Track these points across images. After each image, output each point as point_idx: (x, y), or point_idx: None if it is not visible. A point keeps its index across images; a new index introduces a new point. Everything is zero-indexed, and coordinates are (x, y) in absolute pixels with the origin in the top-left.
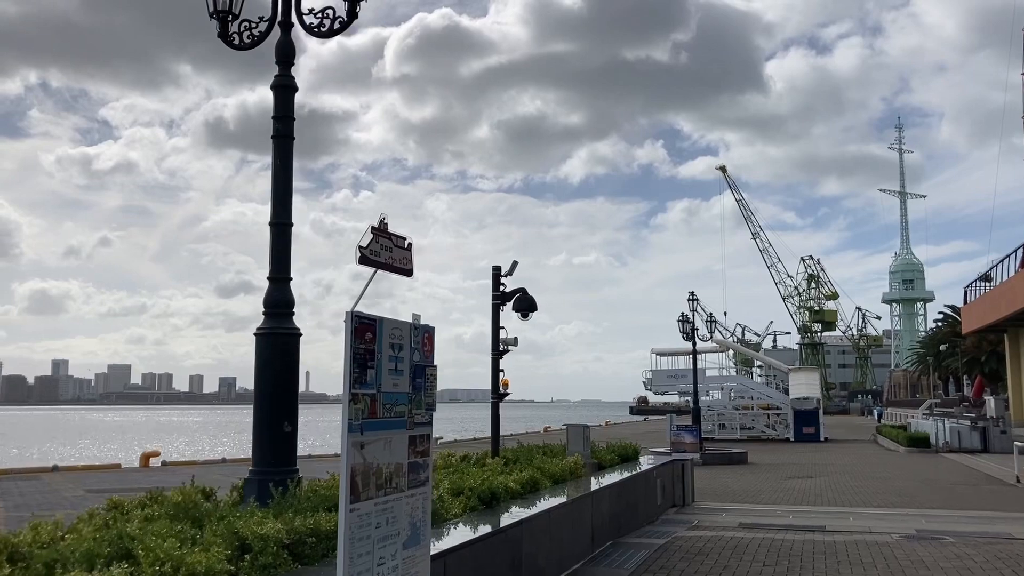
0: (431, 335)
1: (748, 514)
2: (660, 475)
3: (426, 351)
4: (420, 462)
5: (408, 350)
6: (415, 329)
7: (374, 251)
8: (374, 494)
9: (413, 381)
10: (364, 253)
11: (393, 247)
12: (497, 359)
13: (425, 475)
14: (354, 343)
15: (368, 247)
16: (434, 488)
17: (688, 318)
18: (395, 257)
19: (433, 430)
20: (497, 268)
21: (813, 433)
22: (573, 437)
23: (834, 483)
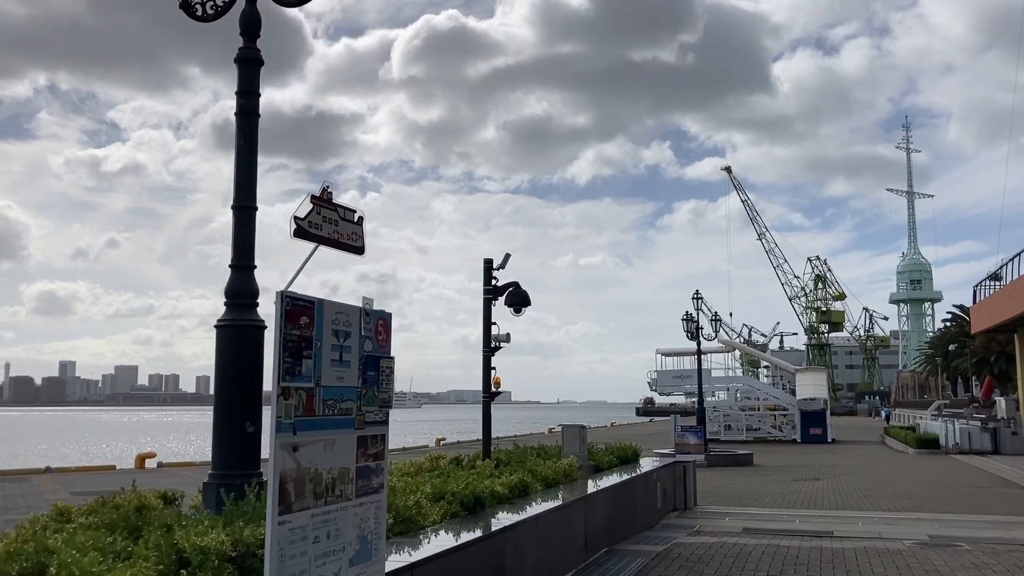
0: (387, 322)
1: (752, 518)
2: (660, 478)
3: (380, 340)
4: (372, 466)
5: (357, 338)
6: (366, 315)
7: (314, 223)
8: (311, 504)
9: (364, 374)
10: (301, 225)
11: (340, 220)
12: (488, 356)
13: (379, 481)
14: (285, 328)
15: (306, 219)
16: (411, 494)
17: (693, 317)
18: (342, 232)
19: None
20: (488, 261)
21: (820, 434)
22: (569, 438)
23: (842, 486)
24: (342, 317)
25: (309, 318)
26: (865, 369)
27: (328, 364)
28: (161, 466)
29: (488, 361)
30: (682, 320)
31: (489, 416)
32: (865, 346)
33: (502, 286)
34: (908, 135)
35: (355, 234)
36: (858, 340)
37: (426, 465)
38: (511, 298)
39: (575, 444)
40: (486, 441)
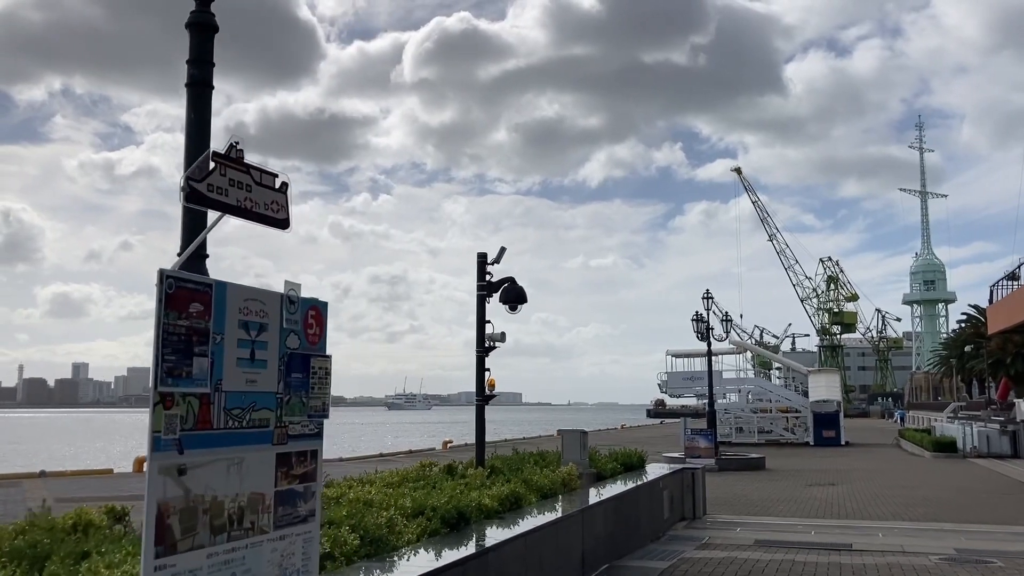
0: (320, 313)
1: (765, 529)
2: (667, 485)
3: (311, 335)
4: (298, 490)
5: (277, 332)
6: (291, 304)
7: (217, 187)
8: (207, 541)
9: (287, 376)
10: (196, 188)
11: (254, 185)
12: (482, 357)
13: (309, 508)
14: (167, 317)
15: (205, 180)
16: (385, 510)
17: (703, 317)
18: (256, 200)
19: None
20: (483, 255)
21: (834, 437)
22: (568, 444)
23: (858, 491)
24: (254, 306)
25: (203, 305)
26: (878, 371)
27: (233, 364)
28: None
29: (482, 362)
30: (692, 321)
31: (483, 421)
32: (878, 347)
33: (496, 282)
34: (921, 135)
35: (276, 204)
36: (871, 341)
37: (412, 474)
38: (506, 295)
39: (575, 450)
40: (479, 448)
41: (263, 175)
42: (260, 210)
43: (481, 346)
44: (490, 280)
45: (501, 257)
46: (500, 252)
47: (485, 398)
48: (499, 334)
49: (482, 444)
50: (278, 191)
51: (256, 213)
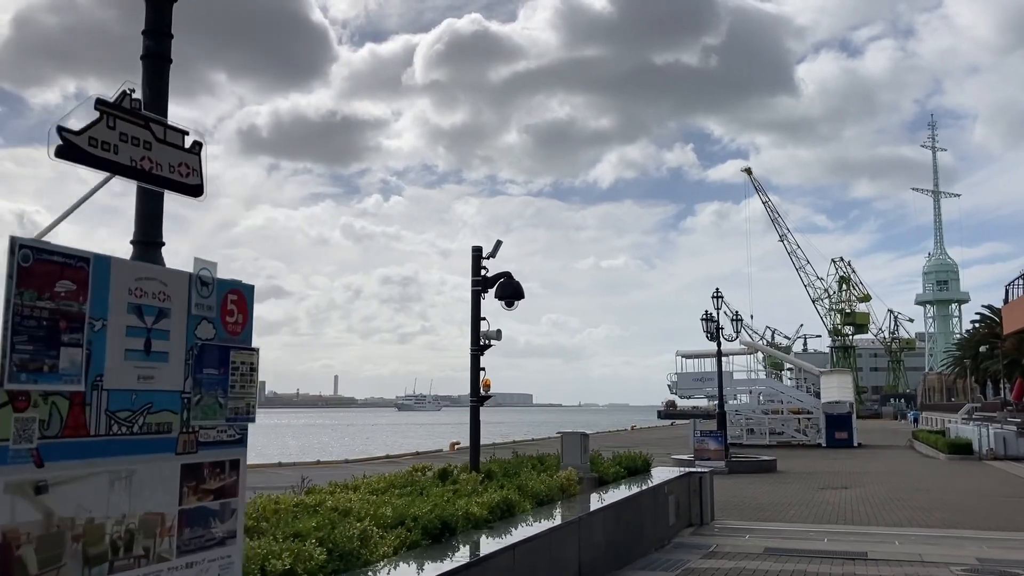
0: (243, 298)
1: (775, 535)
2: (673, 490)
3: (231, 324)
4: (213, 508)
5: (184, 319)
6: (203, 286)
7: (103, 142)
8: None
9: (197, 371)
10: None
11: (155, 142)
12: (477, 356)
13: (227, 528)
14: (20, 297)
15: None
16: (359, 521)
17: (712, 317)
18: (157, 160)
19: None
20: (477, 249)
21: (846, 438)
22: (568, 447)
23: (872, 495)
24: (151, 286)
25: (77, 283)
26: (890, 371)
27: (120, 356)
28: None
29: (477, 361)
30: (701, 320)
31: (478, 423)
32: (890, 348)
33: (492, 277)
34: (934, 134)
35: (185, 166)
36: (883, 342)
37: (401, 479)
38: (502, 290)
39: (575, 454)
40: (474, 451)
41: (168, 131)
42: (163, 172)
43: (476, 344)
44: (485, 275)
45: (497, 251)
46: (496, 246)
47: (480, 399)
48: (494, 332)
49: (477, 448)
50: (189, 151)
51: (157, 176)
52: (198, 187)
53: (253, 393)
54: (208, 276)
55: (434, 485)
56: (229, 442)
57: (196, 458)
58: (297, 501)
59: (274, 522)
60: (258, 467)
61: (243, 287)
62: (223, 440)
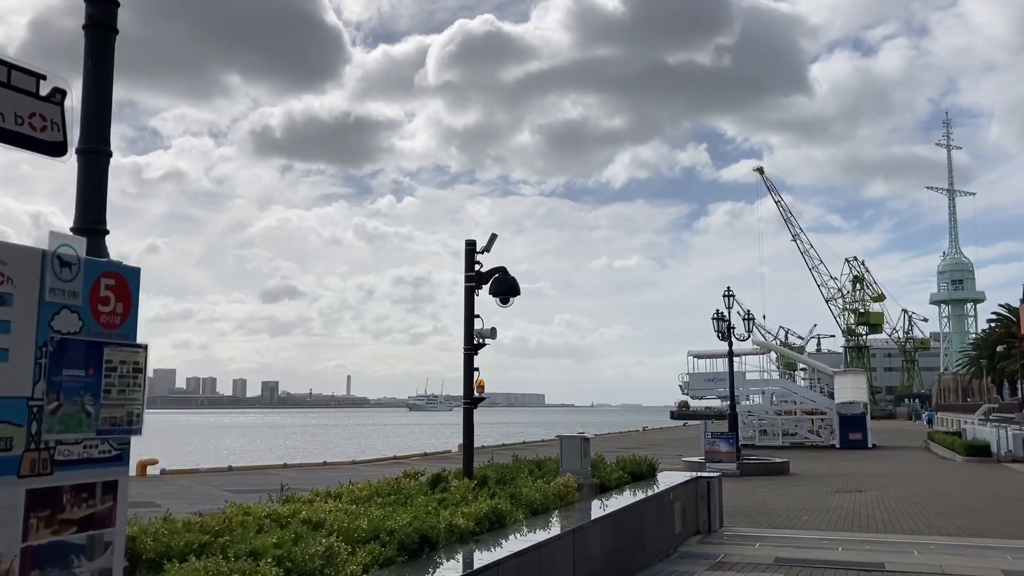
0: (125, 283)
1: (787, 544)
2: (679, 496)
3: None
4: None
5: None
6: (62, 267)
7: None
8: None
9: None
10: None
11: None
12: (471, 355)
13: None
14: None
15: None
16: (329, 535)
17: (724, 316)
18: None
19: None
20: (471, 243)
21: (860, 439)
22: (568, 452)
23: (888, 499)
24: None
25: None
26: (904, 372)
27: None
28: (164, 473)
29: (470, 361)
30: (713, 319)
31: (471, 426)
32: (904, 348)
33: (487, 272)
34: (949, 131)
35: (41, 118)
36: (897, 342)
37: (386, 487)
38: (497, 286)
39: (575, 459)
40: (467, 457)
41: (15, 72)
42: (8, 125)
43: (469, 343)
44: (479, 270)
45: (492, 245)
46: (491, 239)
47: (474, 400)
48: (488, 330)
49: (471, 452)
50: (47, 100)
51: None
52: (59, 145)
53: (138, 399)
54: (71, 255)
55: (421, 493)
56: (102, 459)
57: (50, 481)
58: (270, 511)
59: (238, 535)
60: (263, 468)
61: (124, 270)
62: (93, 458)
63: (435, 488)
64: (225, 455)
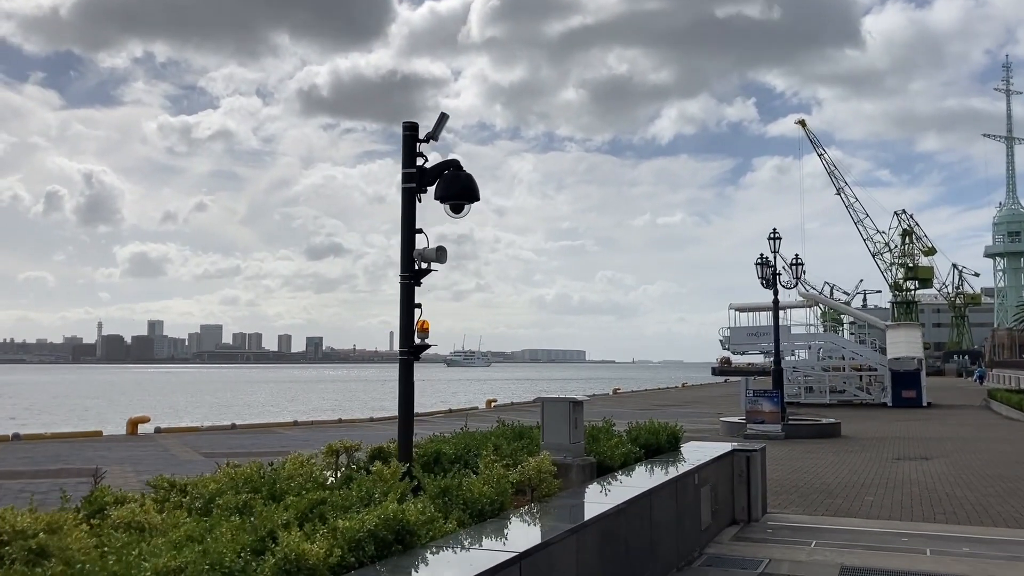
0: None
1: (853, 542)
2: (709, 478)
3: None
4: None
5: None
6: None
7: None
8: None
9: None
10: None
11: None
12: (410, 286)
13: None
14: None
15: None
16: None
17: (769, 261)
18: None
19: None
20: (410, 126)
21: (914, 398)
22: (551, 421)
23: (963, 470)
24: None
25: None
26: (953, 327)
27: None
28: (159, 432)
29: (409, 294)
30: (756, 264)
31: (410, 385)
32: (954, 304)
33: (432, 168)
34: (1008, 76)
35: None
36: (946, 297)
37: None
38: (446, 188)
39: (561, 430)
40: (404, 431)
41: None
42: None
43: (409, 269)
44: (423, 166)
45: (440, 130)
46: (439, 121)
47: (414, 349)
48: (433, 251)
49: (409, 423)
50: None
51: None
52: None
53: None
54: None
55: (318, 485)
56: None
57: None
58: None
59: None
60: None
61: None
62: None
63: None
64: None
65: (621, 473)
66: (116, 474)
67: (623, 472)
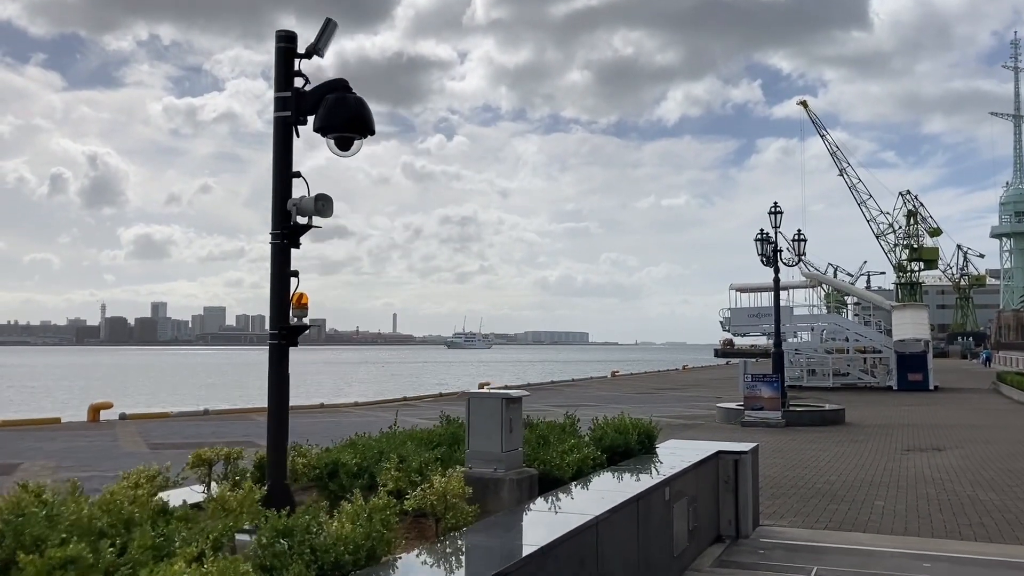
0: None
1: (863, 568)
2: (685, 490)
3: None
4: None
5: None
6: None
7: None
8: None
9: None
10: None
11: None
12: (284, 246)
13: None
14: None
15: None
16: None
17: (769, 236)
18: None
19: None
20: (285, 35)
21: (921, 381)
22: (479, 422)
23: (984, 465)
24: None
25: None
26: (958, 309)
27: None
28: (123, 418)
29: (284, 256)
30: (755, 240)
31: (284, 376)
32: (958, 285)
33: (313, 91)
34: (1016, 53)
35: None
36: (951, 279)
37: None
38: (330, 116)
39: (491, 435)
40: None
41: None
42: None
43: (282, 224)
44: (302, 88)
45: (326, 41)
46: (325, 29)
47: (289, 331)
48: (311, 200)
49: (282, 427)
50: None
51: None
52: None
53: None
54: None
55: (121, 524)
56: None
57: None
58: None
59: None
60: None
61: None
62: None
63: (167, 514)
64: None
65: (575, 486)
66: (32, 471)
67: (578, 485)
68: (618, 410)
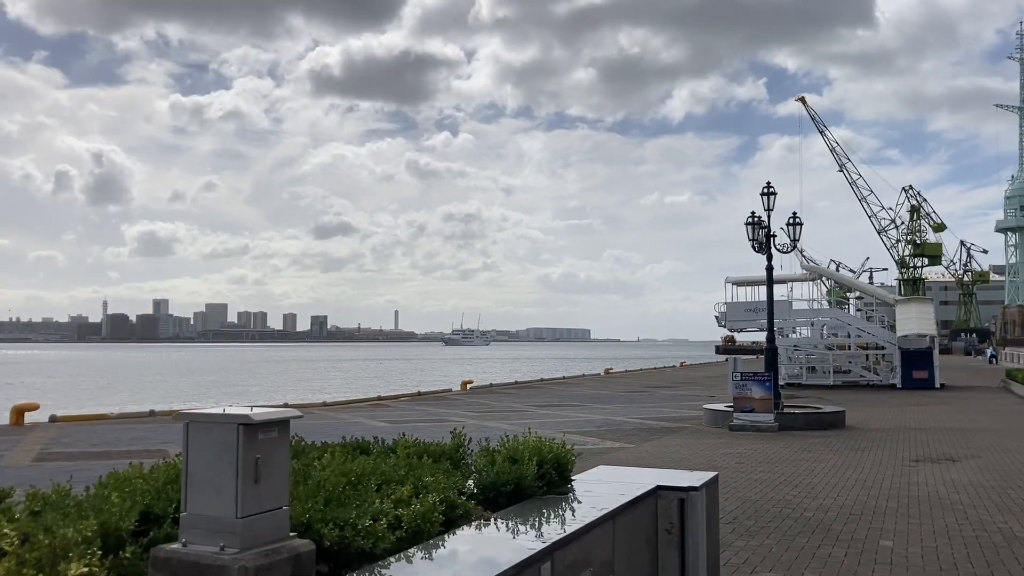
0: None
1: None
2: (593, 554)
3: None
4: None
5: None
6: None
7: None
8: None
9: None
10: None
11: None
12: None
13: None
14: None
15: None
16: None
17: (761, 220)
18: None
19: None
20: None
21: (926, 379)
22: (200, 466)
23: (1009, 480)
24: None
25: None
26: (961, 305)
27: None
28: (53, 420)
29: None
30: (746, 225)
31: None
32: (961, 281)
33: None
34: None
35: None
36: (954, 275)
37: None
38: None
39: (221, 487)
40: None
41: None
42: None
43: None
44: None
45: None
46: None
47: None
48: None
49: None
50: None
51: None
52: None
53: None
54: None
55: None
56: None
57: None
58: None
59: None
60: None
61: None
62: None
63: None
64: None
65: (381, 570)
66: None
67: (396, 562)
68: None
